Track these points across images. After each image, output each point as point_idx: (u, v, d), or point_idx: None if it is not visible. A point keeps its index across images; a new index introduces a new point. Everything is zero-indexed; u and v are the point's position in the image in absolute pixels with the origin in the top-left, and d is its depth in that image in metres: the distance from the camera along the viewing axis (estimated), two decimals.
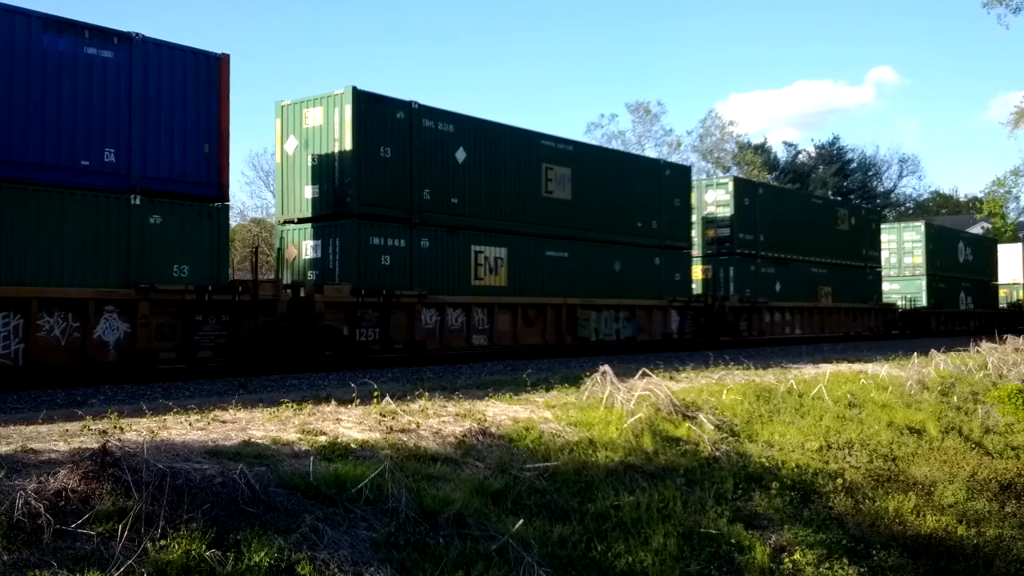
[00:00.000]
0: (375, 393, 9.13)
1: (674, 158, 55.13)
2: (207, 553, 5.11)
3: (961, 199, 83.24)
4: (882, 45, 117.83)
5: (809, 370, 16.25)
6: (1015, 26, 74.60)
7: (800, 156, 73.74)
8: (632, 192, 22.11)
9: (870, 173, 76.21)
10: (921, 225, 40.09)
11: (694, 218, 25.91)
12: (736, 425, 11.07)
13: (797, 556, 8.23)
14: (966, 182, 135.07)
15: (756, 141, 69.52)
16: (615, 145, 56.65)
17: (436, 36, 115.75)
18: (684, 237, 24.20)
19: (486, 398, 10.27)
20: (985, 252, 46.45)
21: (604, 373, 10.93)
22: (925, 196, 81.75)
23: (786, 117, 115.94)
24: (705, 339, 23.93)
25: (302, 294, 14.84)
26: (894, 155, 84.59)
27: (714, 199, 27.13)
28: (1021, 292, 50.95)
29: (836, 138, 78.88)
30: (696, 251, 26.05)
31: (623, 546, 7.23)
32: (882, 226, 39.16)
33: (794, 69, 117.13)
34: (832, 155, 72.85)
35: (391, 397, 9.19)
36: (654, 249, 22.73)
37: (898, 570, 8.89)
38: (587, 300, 20.35)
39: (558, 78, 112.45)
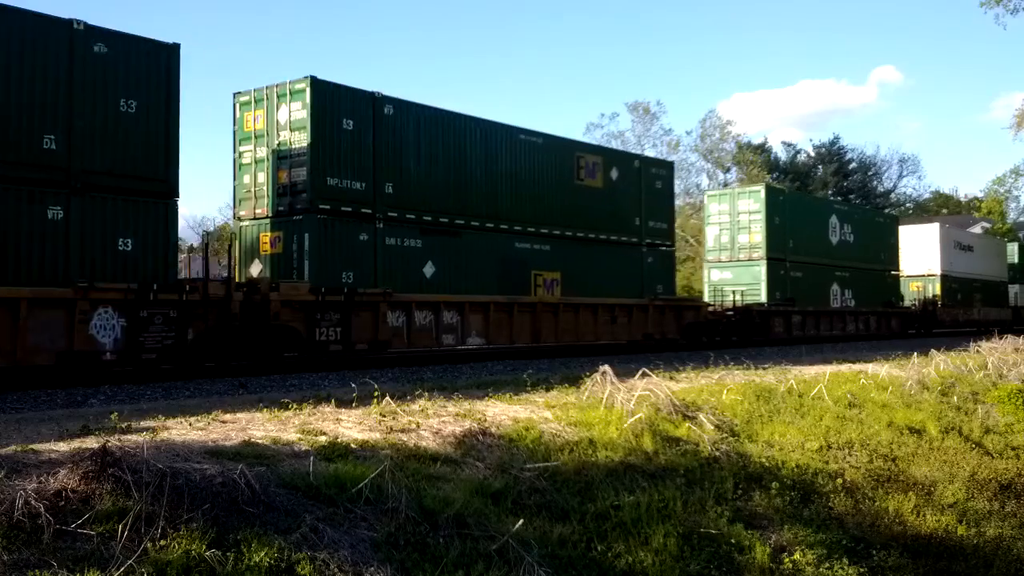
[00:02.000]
0: (375, 393, 9.14)
1: (673, 158, 55.07)
2: (207, 553, 5.11)
3: (961, 199, 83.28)
4: (886, 44, 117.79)
5: (809, 370, 16.26)
6: (1012, 26, 74.64)
7: (800, 156, 73.77)
8: None
9: (870, 173, 76.23)
10: (760, 190, 28.37)
11: (263, 152, 16.27)
12: (736, 425, 11.07)
13: (797, 556, 8.23)
14: (967, 182, 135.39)
15: (757, 141, 69.54)
16: (615, 146, 56.47)
17: (436, 34, 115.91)
18: (151, 172, 12.91)
19: (486, 398, 10.28)
20: (877, 232, 34.64)
21: (604, 373, 10.94)
22: (925, 196, 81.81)
23: (789, 117, 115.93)
24: (228, 356, 13.76)
25: None
26: (894, 155, 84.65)
27: (288, 119, 15.88)
28: (938, 286, 38.27)
29: (836, 138, 78.98)
30: (265, 208, 16.24)
31: (623, 546, 7.23)
32: (709, 193, 29.96)
33: (798, 68, 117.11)
34: (832, 155, 72.85)
35: (391, 397, 9.20)
36: (42, 191, 11.80)
37: (898, 570, 8.89)
38: None
39: (558, 77, 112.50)
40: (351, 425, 8.18)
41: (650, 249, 23.13)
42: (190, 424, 7.70)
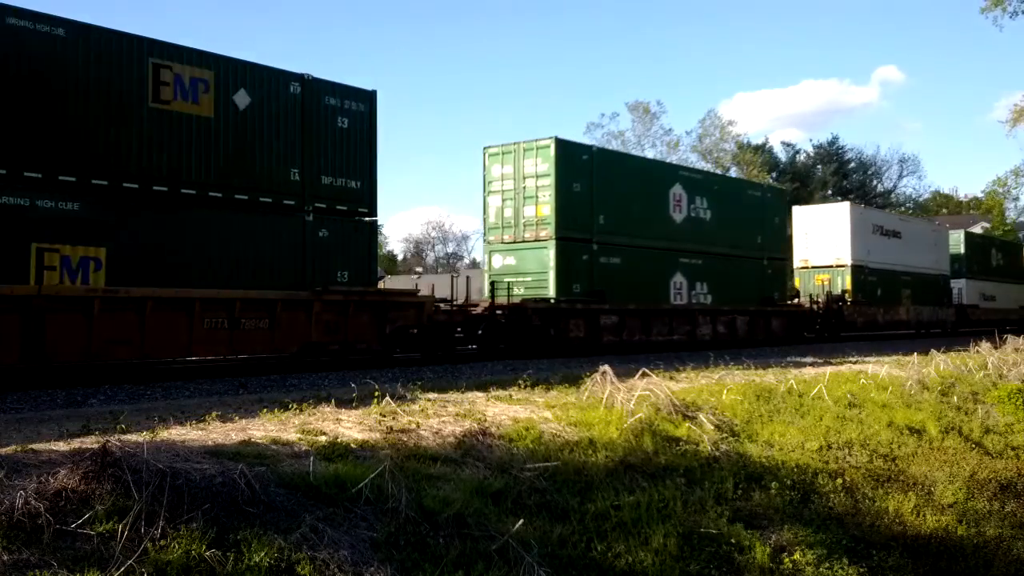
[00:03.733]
0: (375, 393, 9.14)
1: (672, 158, 55.06)
2: (207, 553, 5.11)
3: (961, 199, 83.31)
4: (888, 44, 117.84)
5: (809, 370, 16.26)
6: (1010, 28, 74.59)
7: (799, 156, 73.78)
8: None
9: (870, 173, 76.26)
10: (550, 145, 20.14)
11: None
12: (736, 425, 11.07)
13: (797, 556, 8.23)
14: (968, 182, 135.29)
15: (758, 141, 69.56)
16: (614, 146, 56.30)
17: (436, 36, 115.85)
18: None
19: (486, 398, 10.27)
20: (751, 209, 26.51)
21: (604, 373, 10.94)
22: (925, 196, 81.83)
23: (791, 116, 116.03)
24: None
25: None
26: (894, 155, 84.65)
27: None
28: (848, 279, 31.73)
29: (835, 138, 79.04)
30: None
31: (623, 546, 7.23)
32: (490, 150, 21.33)
33: (801, 68, 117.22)
34: (832, 155, 72.87)
35: (391, 397, 9.20)
36: None
37: (898, 570, 8.89)
38: None
39: (560, 78, 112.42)
40: (351, 425, 8.18)
41: (323, 217, 14.91)
42: (190, 424, 7.69)
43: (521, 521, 6.73)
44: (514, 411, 9.72)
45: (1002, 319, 42.76)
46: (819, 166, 72.01)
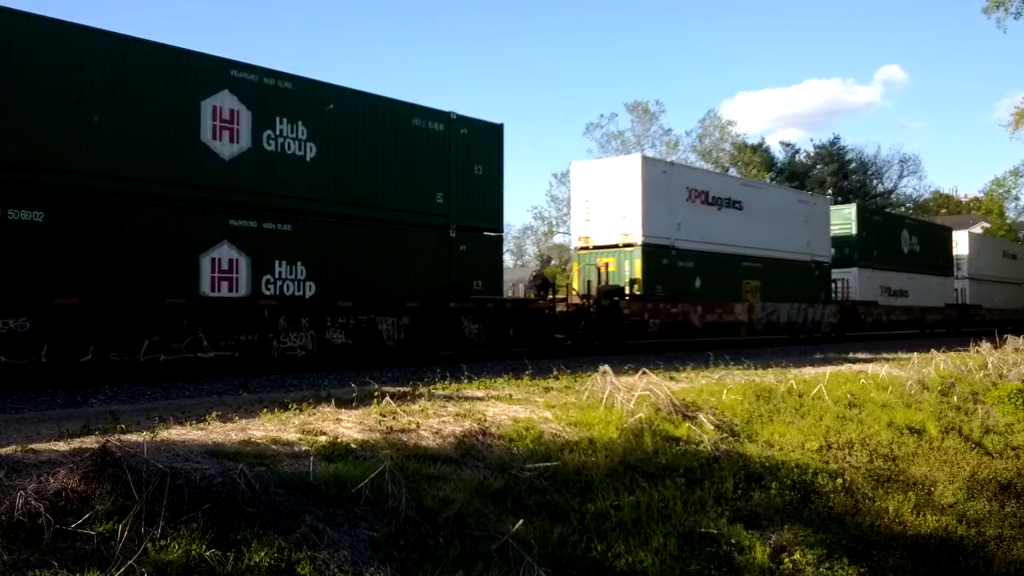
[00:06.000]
0: (375, 393, 9.14)
1: (672, 158, 55.06)
2: (207, 553, 5.11)
3: (961, 199, 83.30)
4: (891, 43, 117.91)
5: (809, 370, 16.25)
6: (1014, 29, 74.80)
7: (799, 156, 73.80)
8: None
9: (870, 172, 76.28)
10: None
11: None
12: (736, 425, 11.07)
13: (797, 556, 8.24)
14: (968, 182, 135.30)
15: (758, 141, 69.58)
16: (614, 145, 56.31)
17: (435, 36, 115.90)
18: None
19: (486, 398, 10.27)
20: (420, 150, 16.93)
21: (604, 373, 10.94)
22: (926, 196, 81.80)
23: (793, 116, 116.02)
24: None
25: None
26: (895, 155, 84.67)
27: None
28: (638, 266, 22.23)
29: (836, 138, 79.06)
30: None
31: (623, 546, 7.23)
32: None
33: (804, 67, 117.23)
34: (832, 155, 72.89)
35: (391, 397, 9.20)
36: None
37: (898, 570, 8.89)
38: None
39: (560, 78, 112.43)
40: (351, 425, 8.18)
41: None
42: (190, 424, 7.69)
43: (521, 521, 6.73)
44: (514, 411, 9.72)
45: (916, 320, 34.33)
46: (818, 166, 72.00)
